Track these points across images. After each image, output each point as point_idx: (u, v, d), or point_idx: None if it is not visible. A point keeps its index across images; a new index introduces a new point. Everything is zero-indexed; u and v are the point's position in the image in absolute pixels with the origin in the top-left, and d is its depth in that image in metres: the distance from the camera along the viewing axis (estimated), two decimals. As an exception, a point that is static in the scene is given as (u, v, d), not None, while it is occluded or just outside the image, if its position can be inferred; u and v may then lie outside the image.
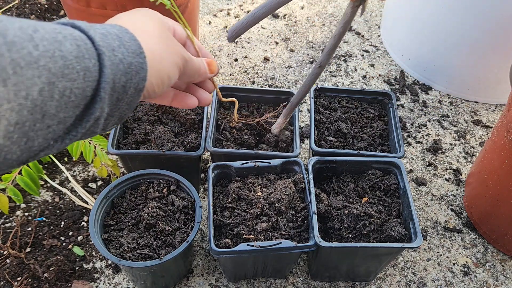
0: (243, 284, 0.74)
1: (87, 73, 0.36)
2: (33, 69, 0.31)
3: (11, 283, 0.71)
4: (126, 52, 0.41)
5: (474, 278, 0.77)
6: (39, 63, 0.31)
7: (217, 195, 0.68)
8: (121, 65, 0.40)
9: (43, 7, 1.19)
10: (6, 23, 0.30)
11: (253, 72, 1.10)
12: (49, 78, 0.32)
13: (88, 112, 0.37)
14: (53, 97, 0.33)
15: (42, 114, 0.32)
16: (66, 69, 0.34)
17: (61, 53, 0.34)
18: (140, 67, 0.42)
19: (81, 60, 0.35)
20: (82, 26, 0.38)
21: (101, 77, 0.37)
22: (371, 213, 0.64)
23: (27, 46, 0.31)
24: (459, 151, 0.96)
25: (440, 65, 1.04)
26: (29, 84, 0.30)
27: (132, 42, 0.42)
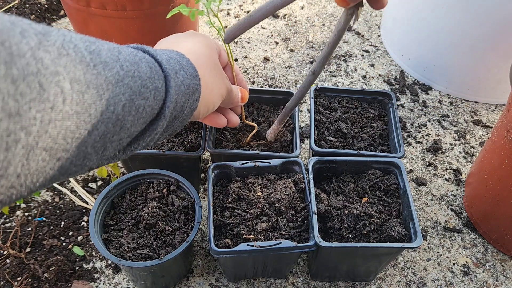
0: (243, 284, 0.74)
1: (157, 92, 0.40)
2: (120, 86, 0.34)
3: (11, 283, 0.71)
4: (186, 75, 0.45)
5: (474, 278, 0.77)
6: (124, 81, 0.35)
7: (217, 195, 0.68)
8: (182, 86, 0.44)
9: (43, 7, 1.19)
10: (98, 44, 0.33)
11: (253, 72, 1.10)
12: (130, 95, 0.36)
13: (151, 128, 0.41)
14: (131, 113, 0.36)
15: (120, 127, 0.35)
16: (142, 88, 0.37)
17: (139, 74, 0.37)
18: (196, 88, 0.47)
19: (153, 81, 0.39)
20: (150, 51, 0.43)
21: (166, 96, 0.42)
22: (371, 213, 0.64)
23: (116, 66, 0.34)
24: (459, 151, 0.96)
25: (440, 65, 1.04)
26: (117, 99, 0.33)
27: (189, 65, 0.47)
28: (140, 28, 0.82)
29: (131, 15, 0.79)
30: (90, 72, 0.30)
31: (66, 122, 0.28)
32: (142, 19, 0.81)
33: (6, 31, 0.24)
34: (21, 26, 0.26)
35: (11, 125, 0.24)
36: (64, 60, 0.28)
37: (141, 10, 0.79)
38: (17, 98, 0.24)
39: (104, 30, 0.83)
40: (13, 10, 1.15)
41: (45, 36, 0.27)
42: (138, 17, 0.80)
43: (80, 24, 0.85)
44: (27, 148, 0.25)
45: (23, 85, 0.24)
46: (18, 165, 0.25)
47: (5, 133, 0.23)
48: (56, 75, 0.27)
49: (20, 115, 0.24)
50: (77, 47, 0.30)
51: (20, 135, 0.24)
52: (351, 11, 0.48)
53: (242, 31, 0.57)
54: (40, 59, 0.26)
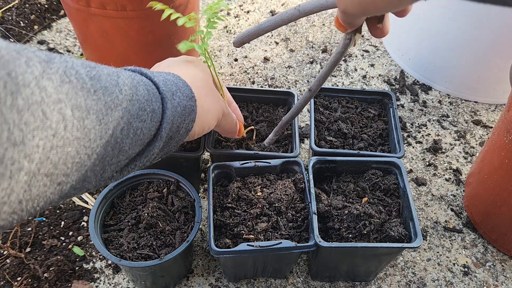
0: (243, 284, 0.74)
1: (153, 114, 0.41)
2: (119, 110, 0.35)
3: (11, 283, 0.71)
4: (182, 96, 0.46)
5: (474, 278, 0.77)
6: (122, 105, 0.35)
7: (217, 195, 0.68)
8: (178, 108, 0.45)
9: (43, 7, 1.19)
10: (98, 70, 0.34)
11: (253, 72, 1.10)
12: (128, 118, 0.36)
13: (148, 149, 0.42)
14: (129, 136, 0.37)
15: (119, 150, 0.36)
16: (140, 111, 0.38)
17: (137, 97, 0.38)
18: (192, 109, 0.48)
19: (150, 103, 0.40)
20: (148, 74, 0.44)
21: (163, 118, 0.42)
22: (371, 213, 0.64)
23: (115, 91, 0.35)
24: (459, 151, 0.96)
25: (440, 65, 1.04)
26: (116, 123, 0.34)
27: (185, 87, 0.48)
28: (140, 28, 0.82)
29: (131, 15, 0.79)
30: (91, 98, 0.31)
31: (67, 148, 0.28)
32: (142, 19, 0.81)
33: (12, 61, 0.25)
34: (26, 55, 0.27)
35: (15, 154, 0.24)
36: (66, 87, 0.29)
37: (141, 10, 0.79)
38: (21, 127, 0.25)
39: (104, 30, 0.82)
40: (13, 10, 1.15)
41: (48, 64, 0.28)
42: (138, 17, 0.80)
43: (80, 24, 0.85)
44: (30, 175, 0.26)
45: (28, 114, 0.25)
46: (20, 191, 0.26)
47: (10, 161, 0.24)
48: (59, 103, 0.28)
49: (24, 144, 0.25)
50: (79, 73, 0.31)
51: (24, 163, 0.25)
52: (349, 36, 0.51)
53: (251, 39, 0.60)
54: (44, 87, 0.27)
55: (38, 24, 1.17)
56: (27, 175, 0.26)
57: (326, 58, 1.14)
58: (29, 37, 1.13)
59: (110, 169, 0.36)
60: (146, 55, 0.88)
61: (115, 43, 0.85)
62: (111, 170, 0.37)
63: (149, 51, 0.88)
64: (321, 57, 1.14)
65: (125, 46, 0.86)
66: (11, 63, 0.25)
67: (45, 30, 1.17)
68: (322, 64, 1.13)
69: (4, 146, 0.24)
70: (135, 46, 0.86)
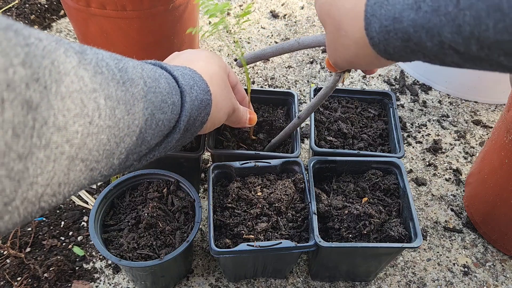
0: (243, 284, 0.74)
1: (174, 107, 0.42)
2: (144, 102, 0.36)
3: (11, 283, 0.71)
4: (199, 90, 0.48)
5: (474, 278, 0.77)
6: (147, 97, 0.37)
7: (217, 195, 0.68)
8: (196, 101, 0.47)
9: (43, 7, 1.19)
10: (124, 62, 0.36)
11: (253, 72, 1.10)
12: (152, 110, 0.38)
13: (166, 140, 0.44)
14: (152, 126, 0.38)
15: (142, 139, 0.37)
16: (162, 103, 0.40)
17: (159, 90, 0.40)
18: (207, 103, 0.50)
19: (171, 96, 0.42)
20: (168, 67, 0.46)
21: (182, 111, 0.44)
22: (371, 213, 0.64)
23: (140, 83, 0.36)
24: (459, 151, 0.96)
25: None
26: (141, 114, 0.36)
27: (201, 81, 0.50)
28: (140, 28, 0.82)
29: (131, 15, 0.79)
30: (120, 89, 0.33)
31: (100, 135, 0.30)
32: (142, 19, 0.81)
33: (54, 51, 0.26)
34: (64, 46, 0.28)
35: (59, 138, 0.26)
36: (99, 78, 0.30)
37: (141, 10, 0.79)
38: (64, 113, 0.26)
39: (104, 30, 0.83)
40: (13, 10, 1.15)
41: (82, 55, 0.30)
42: (138, 17, 0.80)
43: (80, 24, 0.85)
44: (70, 159, 0.27)
45: (69, 101, 0.27)
46: (61, 175, 0.27)
47: (54, 145, 0.26)
48: (94, 92, 0.29)
49: (66, 129, 0.26)
50: (109, 65, 0.33)
51: (65, 147, 0.27)
52: (339, 74, 0.56)
53: (254, 61, 0.65)
54: (82, 77, 0.28)
55: (38, 24, 1.17)
56: (68, 160, 0.27)
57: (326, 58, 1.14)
58: (29, 37, 1.13)
59: (132, 158, 0.38)
60: (146, 55, 0.88)
61: (115, 43, 0.85)
62: (132, 159, 0.38)
63: (149, 51, 0.88)
64: (321, 57, 1.14)
65: (125, 46, 0.86)
66: (53, 52, 0.26)
67: (45, 30, 1.17)
68: (322, 64, 1.13)
69: (51, 131, 0.25)
70: (135, 46, 0.86)
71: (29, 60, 0.24)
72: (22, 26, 0.25)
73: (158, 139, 0.41)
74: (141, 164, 0.42)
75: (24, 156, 0.23)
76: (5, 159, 0.22)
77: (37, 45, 0.25)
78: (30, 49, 0.24)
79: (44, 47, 0.26)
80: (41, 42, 0.26)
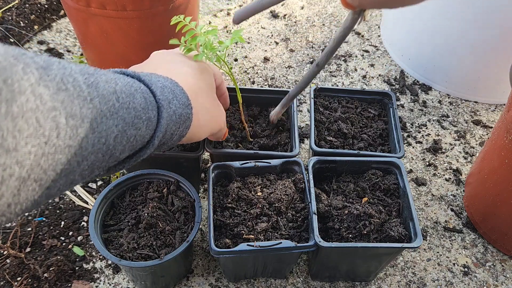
0: (243, 284, 0.74)
1: (149, 123, 0.41)
2: (114, 119, 0.35)
3: (11, 283, 0.71)
4: (178, 104, 0.46)
5: (474, 278, 0.77)
6: (118, 113, 0.35)
7: (217, 195, 0.68)
8: (174, 116, 0.45)
9: (43, 7, 1.19)
10: (96, 76, 0.34)
11: (253, 72, 1.10)
12: (123, 126, 0.36)
13: (138, 154, 0.43)
14: (122, 143, 0.37)
15: (109, 155, 0.36)
16: (136, 119, 0.38)
17: (133, 105, 0.38)
18: (187, 117, 0.48)
19: (146, 112, 0.40)
20: (146, 80, 0.44)
21: (157, 126, 0.43)
22: (371, 213, 0.64)
23: (112, 99, 0.35)
24: (459, 151, 0.96)
25: (440, 65, 1.04)
26: (110, 131, 0.34)
27: (182, 94, 0.48)
28: (140, 28, 0.82)
29: (131, 15, 0.79)
30: (86, 107, 0.31)
31: (58, 155, 0.29)
32: (142, 19, 0.81)
33: (9, 68, 0.25)
34: (23, 61, 0.27)
35: (8, 160, 0.25)
36: (62, 95, 0.29)
37: (141, 10, 0.79)
38: (15, 134, 0.25)
39: (104, 30, 0.82)
40: (13, 10, 1.15)
41: (46, 70, 0.28)
42: (138, 17, 0.80)
43: (80, 24, 0.85)
44: (20, 181, 0.26)
45: (22, 121, 0.25)
46: (10, 196, 0.26)
47: (2, 167, 0.24)
48: (53, 110, 0.28)
49: (16, 151, 0.25)
50: (76, 81, 0.31)
51: (15, 169, 0.25)
52: (358, 11, 0.48)
53: (252, 14, 0.58)
54: (40, 95, 0.27)
55: (38, 24, 1.17)
56: (18, 181, 0.26)
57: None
58: (29, 37, 1.13)
59: (97, 171, 0.37)
60: (146, 55, 0.88)
61: (115, 43, 0.85)
62: (98, 172, 0.37)
63: (149, 51, 0.88)
64: (321, 57, 1.14)
65: (125, 46, 0.86)
66: (8, 69, 0.25)
67: (45, 30, 1.17)
68: (322, 64, 1.13)
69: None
70: (135, 46, 0.86)
71: None
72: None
73: (129, 153, 0.40)
74: (108, 174, 0.41)
75: None
76: None
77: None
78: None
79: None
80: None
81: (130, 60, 0.89)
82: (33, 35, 1.14)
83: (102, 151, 0.34)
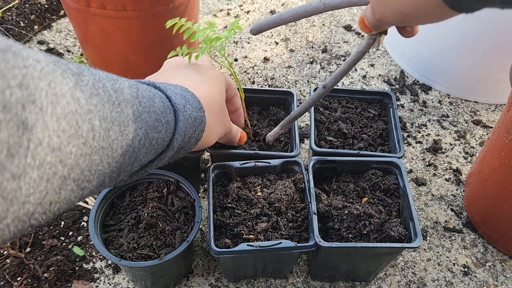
0: (243, 284, 0.74)
1: (167, 126, 0.43)
2: (138, 122, 0.37)
3: (11, 283, 0.71)
4: (191, 108, 0.49)
5: (474, 278, 0.77)
6: (141, 117, 0.38)
7: (217, 195, 0.68)
8: (190, 119, 0.48)
9: (43, 7, 1.19)
10: (120, 82, 0.36)
11: (253, 72, 1.10)
12: (146, 129, 0.38)
13: (159, 157, 0.45)
14: (145, 145, 0.39)
15: (134, 158, 0.38)
16: (156, 122, 0.40)
17: (154, 109, 0.40)
18: (201, 120, 0.51)
19: (165, 115, 0.43)
20: (160, 87, 0.46)
21: (175, 129, 0.45)
22: (371, 213, 0.64)
23: (135, 103, 0.37)
24: (459, 151, 0.96)
25: (440, 65, 1.04)
26: (135, 134, 0.36)
27: (193, 99, 0.50)
28: (140, 28, 0.82)
29: (131, 15, 0.79)
30: (115, 110, 0.34)
31: (93, 156, 0.31)
32: (142, 19, 0.81)
33: (51, 73, 0.27)
34: (61, 67, 0.29)
35: (53, 158, 0.26)
36: (95, 99, 0.31)
37: (141, 10, 0.79)
38: (59, 134, 0.27)
39: (104, 30, 0.82)
40: (13, 10, 1.15)
41: (79, 76, 0.31)
42: (138, 17, 0.80)
43: (80, 24, 0.85)
44: (62, 179, 0.28)
45: (64, 122, 0.27)
46: (52, 194, 0.27)
47: (48, 165, 0.26)
48: (89, 113, 0.30)
49: (60, 150, 0.27)
50: (105, 87, 0.33)
51: (59, 167, 0.27)
52: (374, 37, 0.49)
53: (271, 27, 0.58)
54: (77, 98, 0.29)
55: (38, 24, 1.17)
56: (60, 179, 0.28)
57: (326, 58, 1.14)
58: (29, 37, 1.13)
59: (123, 175, 0.38)
60: (146, 55, 0.88)
61: (115, 43, 0.85)
62: (123, 176, 0.39)
63: (149, 51, 0.88)
64: (321, 57, 1.14)
65: (125, 46, 0.86)
66: (50, 74, 0.27)
67: (45, 30, 1.17)
68: (322, 64, 1.13)
69: (45, 151, 0.26)
70: (135, 46, 0.86)
71: (26, 82, 0.25)
72: (21, 47, 0.26)
73: (151, 157, 0.42)
74: (131, 179, 0.43)
75: (17, 176, 0.24)
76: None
77: (35, 67, 0.26)
78: (27, 71, 0.25)
79: (41, 68, 0.26)
80: (39, 63, 0.26)
81: (130, 60, 0.89)
82: (33, 35, 1.14)
83: (129, 154, 0.36)
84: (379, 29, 0.47)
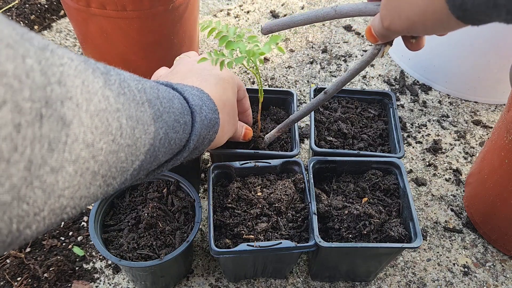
0: (243, 284, 0.74)
1: (185, 126, 0.44)
2: (159, 121, 0.38)
3: (11, 283, 0.71)
4: (207, 109, 0.50)
5: (474, 278, 0.77)
6: (162, 117, 0.39)
7: (217, 195, 0.68)
8: (205, 120, 0.49)
9: (43, 7, 1.19)
10: (143, 83, 0.37)
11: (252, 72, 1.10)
12: (166, 129, 0.39)
13: (175, 157, 0.46)
14: (165, 145, 0.40)
15: (154, 157, 0.39)
16: (175, 122, 0.42)
17: (173, 110, 0.41)
18: (215, 122, 0.52)
19: (183, 116, 0.44)
20: (178, 88, 0.48)
21: (192, 130, 0.46)
22: (371, 213, 0.64)
23: (157, 103, 0.38)
24: (459, 151, 0.96)
25: (440, 65, 1.04)
26: (156, 133, 0.37)
27: (209, 101, 0.52)
28: (140, 28, 0.82)
29: (131, 15, 0.79)
30: (140, 109, 0.35)
31: (120, 153, 0.31)
32: (142, 19, 0.81)
33: (83, 71, 0.28)
34: (91, 67, 0.30)
35: (87, 154, 0.27)
36: (122, 98, 0.32)
37: (141, 10, 0.79)
38: (92, 130, 0.28)
39: (104, 30, 0.83)
40: (13, 10, 1.15)
41: (107, 75, 0.32)
42: (138, 17, 0.80)
43: (80, 24, 0.85)
44: (93, 175, 0.29)
45: (97, 119, 0.28)
46: (84, 189, 0.28)
47: (82, 160, 0.27)
48: (117, 112, 0.31)
49: (93, 146, 0.28)
50: (130, 86, 0.34)
51: (91, 163, 0.28)
52: (379, 47, 0.50)
53: (282, 29, 0.60)
54: (107, 97, 0.30)
55: (38, 24, 1.17)
56: (91, 175, 0.28)
57: (326, 58, 1.14)
58: (29, 37, 1.13)
59: (142, 173, 0.39)
60: (146, 55, 0.88)
61: (115, 43, 0.85)
62: (142, 174, 0.40)
63: (149, 51, 0.88)
64: (321, 57, 1.14)
65: (125, 46, 0.86)
66: (83, 72, 0.28)
67: (45, 30, 1.17)
68: (322, 64, 1.13)
69: (80, 147, 0.26)
70: (135, 46, 0.86)
71: (64, 79, 0.25)
72: (56, 46, 0.27)
73: (168, 156, 0.43)
74: (148, 178, 0.44)
75: (56, 170, 0.25)
76: (40, 171, 0.23)
77: (70, 65, 0.27)
78: (64, 69, 0.26)
79: (75, 66, 0.27)
80: (73, 62, 0.27)
81: (130, 60, 0.89)
82: (33, 35, 1.14)
83: (150, 152, 0.37)
84: (386, 38, 0.48)
